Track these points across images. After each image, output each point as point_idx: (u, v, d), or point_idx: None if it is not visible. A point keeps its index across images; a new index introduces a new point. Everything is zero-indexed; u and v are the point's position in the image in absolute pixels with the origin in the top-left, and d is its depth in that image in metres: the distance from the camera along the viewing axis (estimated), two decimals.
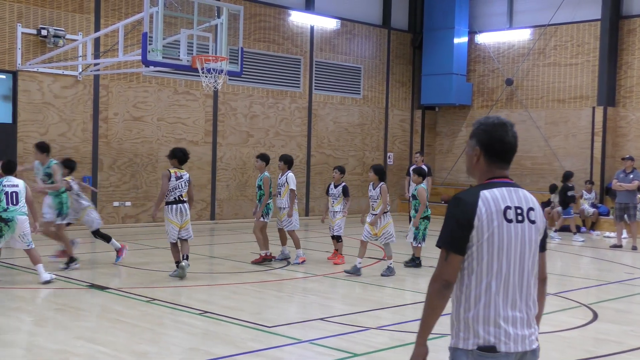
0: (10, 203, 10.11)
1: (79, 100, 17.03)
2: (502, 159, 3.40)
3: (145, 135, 18.14)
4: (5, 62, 15.85)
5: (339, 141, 22.77)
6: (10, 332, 7.58)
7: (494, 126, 3.38)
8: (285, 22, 21.01)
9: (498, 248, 3.25)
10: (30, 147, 16.20)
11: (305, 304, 9.66)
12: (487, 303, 3.26)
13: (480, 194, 3.28)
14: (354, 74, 23.09)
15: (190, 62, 13.43)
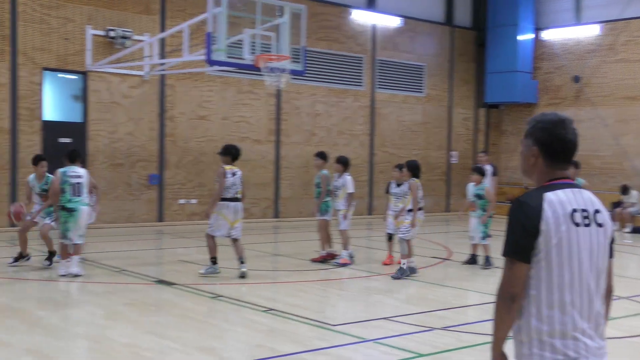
0: (74, 194, 10.33)
1: (146, 99, 17.36)
2: (563, 159, 3.15)
3: (210, 134, 18.37)
4: (76, 63, 16.27)
5: (402, 140, 22.64)
6: (82, 324, 7.77)
7: (553, 123, 3.13)
8: (347, 20, 21.00)
9: (569, 254, 3.01)
10: (101, 145, 16.63)
11: (369, 303, 9.62)
12: (562, 315, 3.02)
13: (545, 196, 3.03)
14: (417, 72, 22.92)
15: (253, 62, 13.53)
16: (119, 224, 16.86)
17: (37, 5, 15.76)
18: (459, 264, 12.85)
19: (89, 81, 16.53)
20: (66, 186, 10.32)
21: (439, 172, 23.81)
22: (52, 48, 15.99)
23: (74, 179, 10.38)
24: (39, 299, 9.10)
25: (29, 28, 15.67)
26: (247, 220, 19.11)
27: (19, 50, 15.55)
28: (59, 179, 10.38)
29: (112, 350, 6.80)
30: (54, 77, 16.59)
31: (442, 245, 15.33)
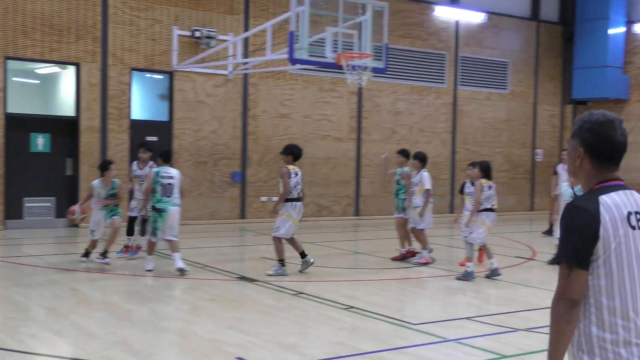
0: (165, 194, 10.55)
1: (229, 98, 17.67)
2: (611, 161, 3.02)
3: (292, 132, 18.54)
4: (163, 63, 16.70)
5: (484, 137, 22.28)
6: (167, 319, 7.98)
7: (600, 124, 3.00)
8: (430, 17, 20.80)
9: (627, 259, 2.90)
10: (185, 143, 17.02)
11: (450, 303, 9.52)
12: (626, 321, 2.90)
13: (600, 199, 2.92)
14: (500, 69, 22.51)
15: (335, 60, 13.57)
16: (203, 221, 17.22)
17: (127, 7, 16.24)
18: (543, 264, 12.56)
19: (175, 80, 16.94)
20: (157, 186, 10.54)
21: (523, 171, 23.31)
22: (140, 49, 16.45)
23: (165, 180, 10.59)
24: (127, 293, 9.39)
25: (118, 30, 16.17)
26: (328, 218, 19.24)
27: (109, 52, 16.06)
28: (152, 178, 10.64)
29: (196, 344, 6.95)
30: (142, 77, 17.07)
31: (526, 245, 15.01)
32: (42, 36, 15.30)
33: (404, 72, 20.41)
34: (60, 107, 16.67)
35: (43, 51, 15.36)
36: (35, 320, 7.73)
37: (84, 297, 9.05)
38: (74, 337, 7.15)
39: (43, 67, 16.44)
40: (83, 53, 15.79)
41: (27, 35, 15.15)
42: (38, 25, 15.25)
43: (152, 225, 10.69)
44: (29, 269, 10.89)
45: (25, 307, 8.30)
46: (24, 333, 7.11)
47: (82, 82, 15.83)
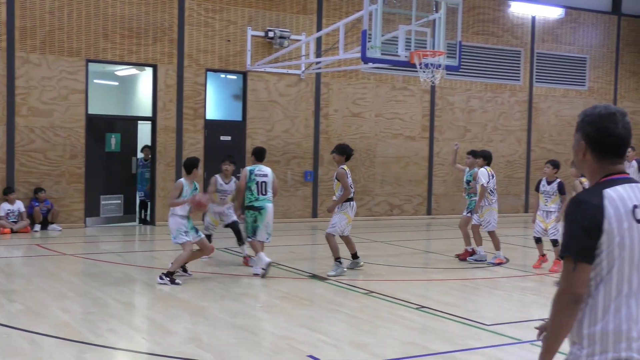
0: (260, 192, 10.57)
1: (302, 97, 17.79)
2: (614, 153, 3.02)
3: (364, 131, 18.53)
4: (237, 63, 16.95)
5: (561, 135, 21.78)
6: (239, 316, 8.10)
7: (601, 117, 3.02)
8: (505, 13, 20.45)
9: (630, 252, 2.88)
10: (258, 142, 17.22)
11: (525, 304, 9.35)
12: (617, 314, 2.89)
13: (604, 193, 2.90)
14: (578, 65, 21.94)
15: (408, 58, 13.50)
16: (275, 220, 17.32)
17: (202, 9, 16.55)
18: None
19: (248, 81, 17.16)
20: (252, 185, 10.52)
21: None
22: (214, 50, 16.74)
23: (260, 177, 10.61)
24: (201, 291, 9.57)
25: (194, 31, 16.49)
26: (399, 217, 19.16)
27: (185, 53, 16.40)
28: (245, 176, 10.58)
29: (268, 342, 7.04)
30: (216, 78, 17.36)
31: None
32: (121, 39, 15.74)
33: (477, 69, 20.13)
34: (138, 108, 17.14)
35: (122, 53, 15.81)
36: (114, 315, 7.96)
37: (159, 294, 9.27)
38: (150, 332, 7.34)
39: (122, 69, 16.93)
40: (160, 55, 16.17)
41: (108, 38, 15.61)
42: (118, 28, 15.70)
43: (252, 225, 10.53)
44: (107, 265, 11.23)
45: (104, 302, 8.57)
46: (102, 327, 7.35)
47: (159, 83, 16.21)
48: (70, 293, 9.02)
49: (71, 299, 8.69)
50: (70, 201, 15.47)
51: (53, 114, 15.18)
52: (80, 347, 6.62)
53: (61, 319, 7.65)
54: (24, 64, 14.88)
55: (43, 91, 15.07)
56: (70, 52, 15.28)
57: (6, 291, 9.03)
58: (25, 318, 7.66)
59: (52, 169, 15.23)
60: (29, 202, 14.85)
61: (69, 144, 15.36)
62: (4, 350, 6.46)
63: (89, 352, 6.51)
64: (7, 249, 12.82)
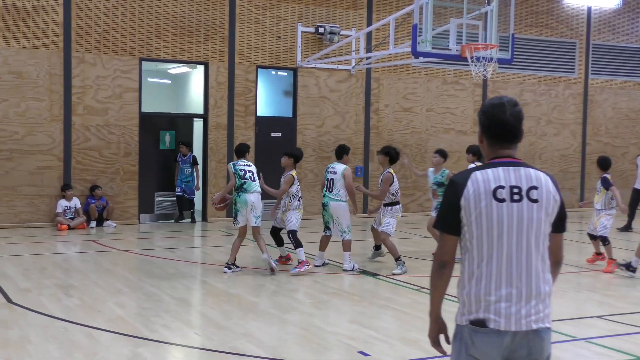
0: (327, 189, 10.80)
1: (352, 93, 17.75)
2: (503, 139, 3.38)
3: (415, 126, 18.41)
4: (287, 60, 17.00)
5: (617, 128, 21.27)
6: (290, 311, 8.13)
7: (492, 107, 3.40)
8: (559, 4, 20.05)
9: (487, 227, 3.24)
10: (309, 139, 17.25)
11: (580, 300, 9.17)
12: (479, 280, 3.27)
13: (472, 175, 3.29)
14: (636, 56, 21.38)
15: (459, 52, 13.33)
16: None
17: (253, 6, 16.64)
18: None
19: (299, 77, 17.20)
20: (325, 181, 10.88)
21: None
22: (265, 46, 16.82)
23: (329, 175, 10.85)
24: (252, 286, 9.65)
25: (245, 28, 16.60)
26: None
27: (236, 50, 16.52)
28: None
29: (319, 337, 7.05)
30: (267, 74, 17.45)
31: None
32: (173, 37, 15.94)
33: (531, 62, 19.79)
34: (190, 105, 17.33)
35: (174, 52, 16.00)
36: (167, 310, 8.08)
37: (211, 289, 9.37)
38: (203, 327, 7.43)
39: (174, 67, 17.14)
40: (211, 52, 16.32)
41: (160, 36, 15.82)
42: (170, 26, 15.89)
43: (323, 219, 10.98)
44: (160, 261, 11.39)
45: (157, 298, 8.70)
46: (157, 323, 7.46)
47: (210, 81, 16.36)
48: (125, 288, 9.19)
49: (126, 295, 8.85)
50: (125, 198, 15.74)
51: (108, 113, 15.46)
52: (135, 342, 6.73)
53: (116, 314, 7.80)
54: (79, 64, 15.19)
55: (98, 90, 15.36)
56: (124, 51, 15.54)
57: (64, 286, 9.24)
58: (82, 313, 7.83)
59: (107, 167, 15.52)
60: (85, 199, 15.17)
61: (123, 142, 15.63)
62: (62, 344, 6.61)
63: (144, 346, 6.62)
64: (64, 245, 13.12)
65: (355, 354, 6.50)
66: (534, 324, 3.24)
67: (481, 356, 3.27)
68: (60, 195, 14.90)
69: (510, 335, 3.23)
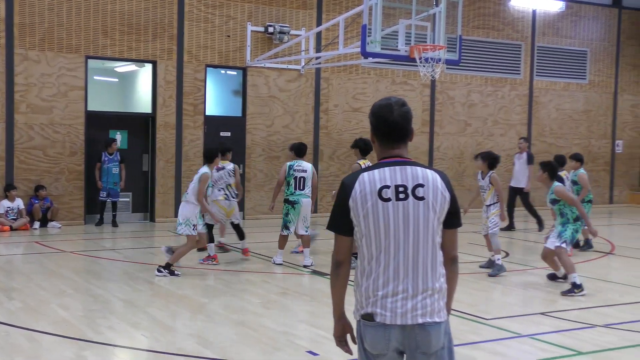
0: (297, 188, 10.77)
1: (302, 93, 17.76)
2: (391, 139, 3.44)
3: (364, 126, 18.49)
4: (237, 59, 16.92)
5: (561, 129, 21.74)
6: (239, 312, 8.09)
7: (379, 107, 3.44)
8: (505, 7, 20.39)
9: (374, 226, 3.32)
10: (258, 138, 17.20)
11: (526, 298, 9.33)
12: (369, 277, 3.37)
13: (360, 176, 3.37)
14: (579, 58, 21.89)
15: (408, 52, 13.44)
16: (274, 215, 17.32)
17: (202, 5, 16.51)
18: (623, 258, 12.20)
19: (248, 76, 17.12)
20: (290, 179, 10.79)
21: (602, 163, 22.63)
22: (214, 45, 16.70)
23: (298, 173, 10.81)
24: (200, 287, 9.57)
25: (194, 27, 16.45)
26: None
27: (184, 49, 16.36)
28: (285, 171, 10.89)
29: (268, 337, 7.03)
30: (216, 74, 17.33)
31: (605, 239, 14.58)
32: (121, 35, 15.71)
33: (478, 63, 20.08)
34: (138, 104, 17.11)
35: (122, 50, 15.77)
36: (114, 312, 7.96)
37: (159, 290, 9.26)
38: (150, 329, 7.33)
39: (122, 66, 16.89)
40: (160, 51, 16.14)
41: (107, 34, 15.58)
42: (117, 24, 15.66)
43: (284, 218, 10.88)
44: (107, 262, 11.22)
45: (104, 299, 8.56)
46: (102, 325, 7.34)
47: (158, 80, 16.18)
48: (69, 290, 9.02)
49: (71, 296, 8.68)
50: (70, 198, 15.45)
51: (52, 111, 15.16)
52: (79, 345, 6.61)
53: (61, 316, 7.64)
54: (23, 61, 14.86)
55: (42, 88, 15.04)
56: (70, 49, 15.26)
57: (6, 289, 9.02)
58: (25, 316, 7.65)
59: (52, 166, 15.22)
60: (28, 200, 14.84)
61: (69, 141, 15.34)
62: (3, 348, 6.45)
63: (88, 349, 6.50)
64: (6, 247, 12.81)
65: (304, 353, 6.50)
66: (420, 318, 3.33)
67: (371, 349, 3.40)
68: (3, 195, 14.56)
69: (399, 329, 3.33)
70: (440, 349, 3.40)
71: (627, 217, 19.80)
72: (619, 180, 22.98)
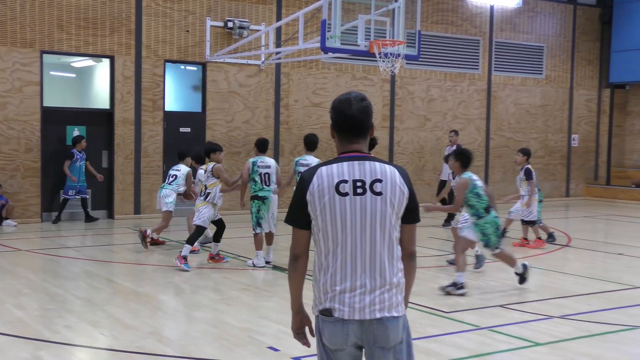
0: (264, 183, 10.69)
1: (262, 88, 17.69)
2: (350, 133, 3.43)
3: (325, 121, 18.50)
4: (196, 54, 16.78)
5: (519, 123, 22.02)
6: (200, 309, 8.04)
7: (339, 102, 3.44)
8: (464, 2, 20.57)
9: (331, 220, 3.32)
10: (218, 134, 17.09)
11: (484, 290, 9.44)
12: (326, 272, 3.38)
13: (318, 170, 3.37)
14: (536, 54, 22.19)
15: (367, 47, 13.49)
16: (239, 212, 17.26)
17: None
18: (579, 250, 12.42)
19: (208, 72, 17.00)
20: (255, 176, 10.66)
21: (559, 156, 23.00)
22: (173, 40, 16.54)
23: (263, 169, 10.70)
24: (160, 284, 9.49)
25: (152, 22, 16.27)
26: None
27: (143, 44, 16.18)
28: (248, 169, 10.75)
29: (228, 334, 7.00)
30: (175, 69, 17.17)
31: (562, 232, 14.83)
32: (77, 30, 15.47)
33: (437, 58, 20.23)
34: (95, 100, 16.87)
35: (78, 45, 15.54)
36: (72, 311, 7.85)
37: (119, 288, 9.17)
38: (109, 327, 7.25)
39: (78, 61, 16.64)
40: (117, 46, 15.93)
41: (63, 28, 15.33)
42: (73, 18, 15.41)
43: (256, 215, 10.66)
44: (65, 260, 11.06)
45: (62, 298, 8.44)
46: (60, 324, 7.23)
47: (116, 75, 15.97)
48: (26, 289, 8.86)
49: (27, 296, 8.53)
50: (26, 196, 15.19)
51: (7, 107, 14.87)
52: (35, 345, 6.51)
53: (16, 316, 7.51)
54: None
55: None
56: (24, 43, 14.98)
57: None
58: None
59: (7, 163, 14.94)
60: None
61: (24, 138, 15.07)
62: None
63: (45, 349, 6.40)
64: None
65: (265, 349, 6.49)
66: (377, 313, 3.34)
67: (330, 344, 3.41)
68: None
69: (357, 324, 3.34)
70: (398, 343, 3.42)
71: (583, 210, 20.16)
72: (575, 174, 23.38)
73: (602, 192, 23.14)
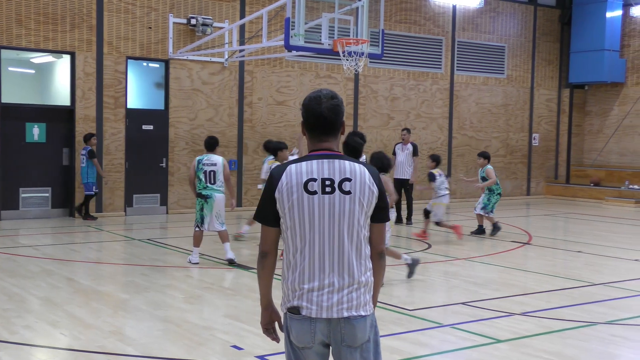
0: (208, 181, 10.54)
1: (225, 86, 17.61)
2: (320, 132, 3.43)
3: (288, 119, 18.49)
4: (159, 51, 16.63)
5: (481, 123, 22.26)
6: (162, 308, 7.98)
7: (309, 100, 3.44)
8: (427, 2, 20.70)
9: (299, 219, 3.33)
10: (181, 132, 16.96)
11: (447, 288, 9.53)
12: (294, 270, 3.39)
13: (287, 168, 3.38)
14: (497, 54, 22.44)
15: (331, 46, 13.51)
16: None
17: None
18: (540, 248, 12.60)
19: (171, 69, 16.86)
20: (200, 174, 10.53)
21: (520, 155, 23.29)
22: (135, 37, 16.37)
23: (208, 167, 10.56)
24: (122, 283, 9.39)
25: (114, 18, 16.08)
26: None
27: (104, 40, 15.98)
28: (194, 166, 10.63)
29: (191, 333, 6.95)
30: (138, 66, 17.00)
31: (523, 230, 15.02)
32: (36, 25, 15.22)
33: (400, 57, 20.33)
34: (56, 97, 16.62)
35: (38, 40, 15.29)
36: (30, 311, 7.73)
37: (79, 287, 9.04)
38: (70, 327, 7.15)
39: (38, 57, 16.38)
40: (78, 42, 15.71)
41: (22, 23, 15.07)
42: (32, 13, 15.16)
43: (199, 214, 10.58)
44: (24, 259, 10.88)
45: (20, 298, 8.30)
46: (18, 324, 7.11)
47: (77, 71, 15.75)
48: None
49: None
50: None
51: None
52: None
53: None
54: None
55: None
56: None
57: None
58: None
59: None
60: None
61: None
62: None
63: (3, 350, 6.29)
64: None
65: (229, 348, 6.46)
66: (345, 312, 3.35)
67: (297, 342, 3.41)
68: None
69: (324, 323, 3.36)
70: (366, 342, 3.42)
71: (544, 208, 20.45)
72: (535, 173, 23.71)
73: (562, 190, 23.50)
